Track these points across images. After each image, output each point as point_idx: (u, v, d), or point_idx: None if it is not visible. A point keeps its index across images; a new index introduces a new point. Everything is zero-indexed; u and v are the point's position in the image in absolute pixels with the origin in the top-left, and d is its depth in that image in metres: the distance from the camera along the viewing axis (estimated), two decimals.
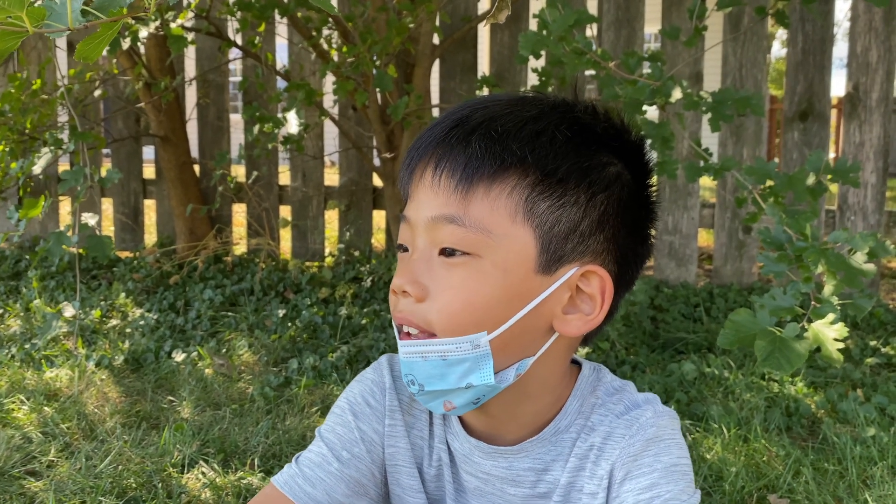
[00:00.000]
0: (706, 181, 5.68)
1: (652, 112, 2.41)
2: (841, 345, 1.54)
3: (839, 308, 1.64)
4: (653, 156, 0.97)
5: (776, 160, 2.17)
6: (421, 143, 0.91)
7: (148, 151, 4.66)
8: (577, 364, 1.00)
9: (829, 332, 1.56)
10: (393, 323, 0.92)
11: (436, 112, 3.78)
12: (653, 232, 0.97)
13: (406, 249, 0.92)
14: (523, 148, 0.86)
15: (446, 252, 0.87)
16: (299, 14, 3.47)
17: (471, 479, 0.98)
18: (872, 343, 3.13)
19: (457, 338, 0.86)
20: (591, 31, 3.10)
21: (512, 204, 0.86)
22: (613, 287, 0.91)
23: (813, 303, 1.65)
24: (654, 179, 0.96)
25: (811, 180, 1.99)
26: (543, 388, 0.94)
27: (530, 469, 0.95)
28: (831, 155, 2.99)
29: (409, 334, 0.89)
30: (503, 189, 0.86)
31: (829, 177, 1.98)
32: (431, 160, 0.89)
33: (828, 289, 1.69)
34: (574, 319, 0.90)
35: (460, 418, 0.99)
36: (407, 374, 0.90)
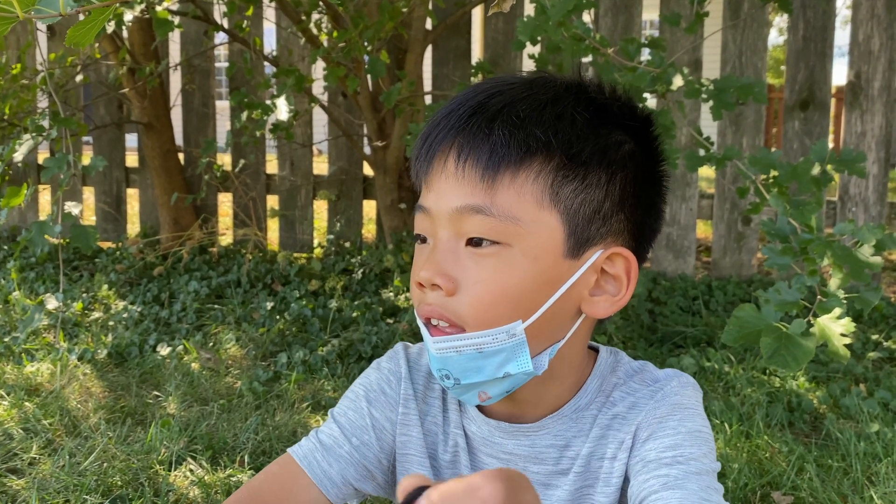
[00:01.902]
0: (704, 171, 5.69)
1: (650, 101, 2.40)
2: (848, 340, 1.54)
3: (845, 302, 1.64)
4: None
5: (778, 150, 2.16)
6: (437, 131, 0.91)
7: (131, 139, 4.62)
8: (593, 349, 1.02)
9: (835, 327, 1.55)
10: (417, 316, 0.92)
11: (428, 99, 3.77)
12: (665, 206, 0.99)
13: (425, 240, 0.92)
14: (546, 132, 0.87)
15: (474, 242, 0.87)
16: None
17: (492, 461, 1.00)
18: (874, 337, 3.13)
19: (493, 329, 0.87)
20: (589, 15, 3.08)
21: (538, 190, 0.87)
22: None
23: (819, 297, 1.64)
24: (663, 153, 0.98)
25: (816, 170, 1.98)
26: (569, 369, 0.96)
27: (552, 445, 0.97)
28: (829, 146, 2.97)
29: (437, 328, 0.89)
30: (528, 175, 0.87)
31: (829, 167, 1.98)
32: (453, 149, 0.89)
33: (834, 282, 1.69)
34: (601, 301, 0.92)
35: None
36: (440, 369, 0.90)
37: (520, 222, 0.86)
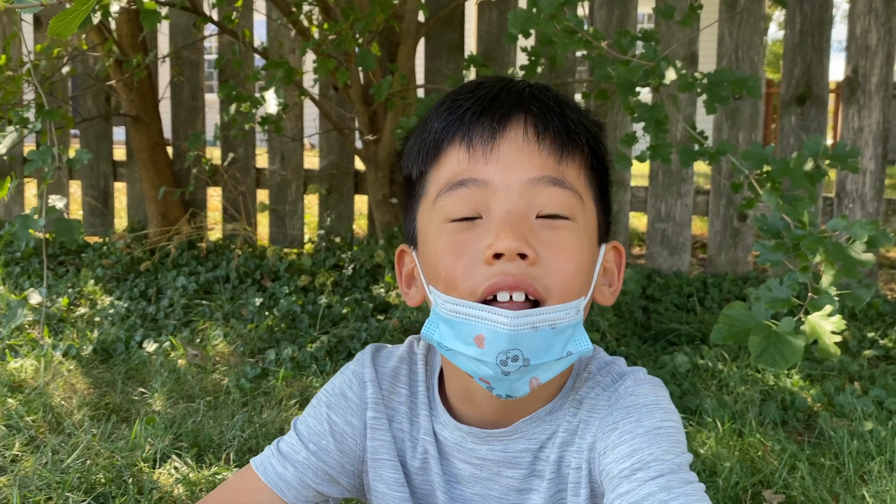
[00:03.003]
0: (700, 167, 5.70)
1: (644, 94, 2.40)
2: (838, 338, 1.55)
3: (837, 299, 1.64)
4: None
5: (772, 145, 2.17)
6: (496, 105, 0.91)
7: (119, 132, 4.61)
8: None
9: (826, 324, 1.56)
10: (453, 301, 0.87)
11: (421, 93, 3.77)
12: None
13: (475, 217, 0.89)
14: (588, 122, 0.94)
15: (547, 214, 0.89)
16: None
17: (465, 466, 0.99)
18: (870, 335, 3.14)
19: (567, 304, 0.87)
20: (582, 9, 3.08)
21: (584, 174, 0.93)
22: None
23: (810, 294, 1.65)
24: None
25: (809, 165, 1.99)
26: None
27: (525, 450, 0.97)
28: (829, 141, 2.99)
29: (507, 303, 0.86)
30: (583, 158, 0.93)
31: (827, 162, 1.98)
32: (529, 122, 0.90)
33: (825, 279, 1.69)
34: (606, 289, 0.97)
35: (448, 407, 1.00)
36: (509, 350, 0.85)
37: (582, 199, 0.91)
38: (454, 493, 1.00)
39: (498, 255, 0.85)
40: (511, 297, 0.85)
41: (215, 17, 3.78)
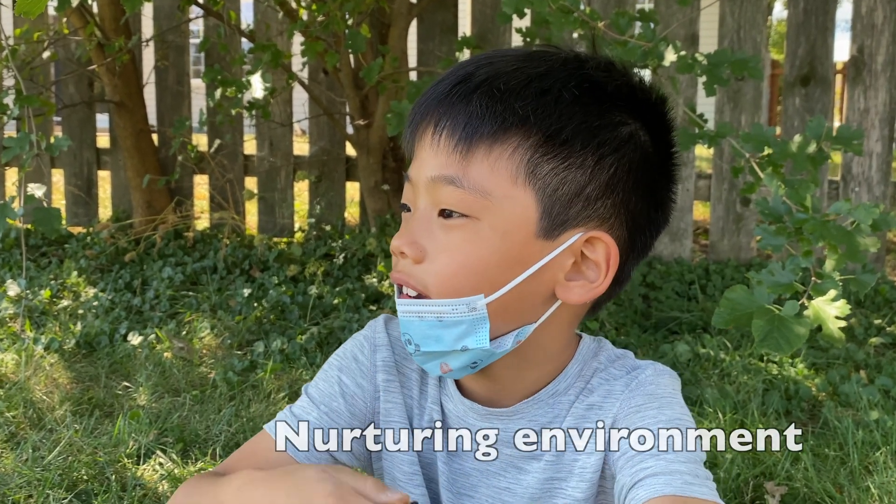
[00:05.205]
0: (702, 150, 5.68)
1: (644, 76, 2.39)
2: (843, 323, 1.54)
3: (841, 284, 1.64)
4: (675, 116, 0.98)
5: (774, 127, 2.16)
6: (424, 99, 0.94)
7: (102, 119, 4.59)
8: (577, 336, 1.03)
9: (830, 309, 1.55)
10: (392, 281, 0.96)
11: (413, 76, 3.75)
12: (672, 196, 0.98)
13: (408, 209, 0.95)
14: (526, 107, 0.87)
15: (444, 213, 0.90)
16: None
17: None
18: (877, 322, 3.14)
19: (453, 299, 0.89)
20: None
21: (513, 166, 0.88)
22: (620, 254, 0.92)
23: (813, 278, 1.64)
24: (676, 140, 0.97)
25: (812, 147, 1.97)
26: (546, 356, 0.97)
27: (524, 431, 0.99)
28: (836, 124, 2.98)
29: (407, 294, 0.92)
30: (504, 150, 0.88)
31: (830, 144, 1.97)
32: (433, 118, 0.91)
33: (829, 263, 1.69)
34: (577, 286, 0.92)
35: (457, 381, 1.02)
36: (404, 332, 0.93)
37: (490, 196, 0.88)
38: (454, 466, 1.03)
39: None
40: (406, 290, 0.92)
41: None
